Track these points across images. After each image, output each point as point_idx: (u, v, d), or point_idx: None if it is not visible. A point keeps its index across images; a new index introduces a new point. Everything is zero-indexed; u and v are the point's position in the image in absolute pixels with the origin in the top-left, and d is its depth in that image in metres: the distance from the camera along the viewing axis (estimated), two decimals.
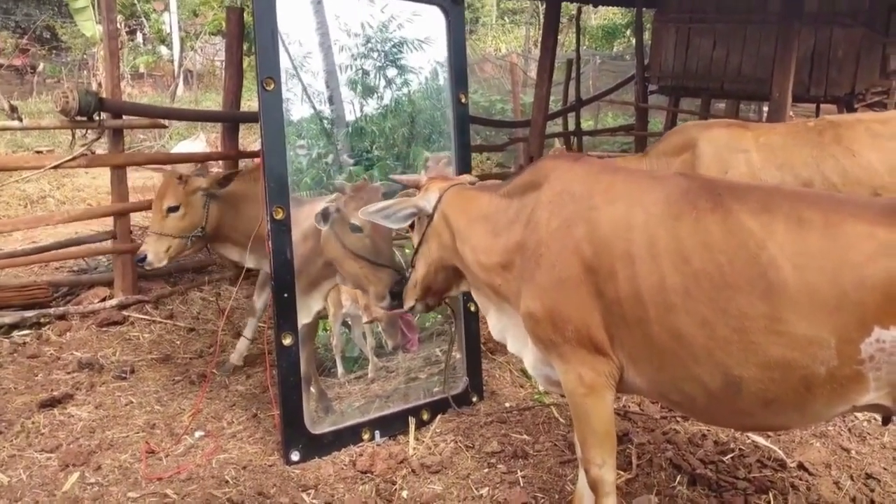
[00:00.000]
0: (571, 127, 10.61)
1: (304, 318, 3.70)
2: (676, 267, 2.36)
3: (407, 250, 4.31)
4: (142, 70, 23.34)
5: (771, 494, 3.30)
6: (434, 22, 4.12)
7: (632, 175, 2.82)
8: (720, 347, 2.31)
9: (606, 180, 2.66)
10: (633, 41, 12.93)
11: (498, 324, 3.05)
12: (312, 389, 3.85)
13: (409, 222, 3.14)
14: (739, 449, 3.68)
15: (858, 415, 4.02)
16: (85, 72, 21.01)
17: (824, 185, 4.12)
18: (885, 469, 3.55)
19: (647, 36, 10.55)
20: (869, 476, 3.48)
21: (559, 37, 9.83)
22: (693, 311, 2.33)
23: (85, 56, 22.01)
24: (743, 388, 2.33)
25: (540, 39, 10.16)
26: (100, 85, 5.84)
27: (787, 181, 4.15)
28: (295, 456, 3.57)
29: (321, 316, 4.05)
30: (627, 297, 2.44)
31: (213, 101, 18.51)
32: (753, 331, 2.26)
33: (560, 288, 2.56)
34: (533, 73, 16.72)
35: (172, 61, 23.58)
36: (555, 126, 11.13)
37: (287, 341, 3.53)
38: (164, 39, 25.12)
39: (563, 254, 2.56)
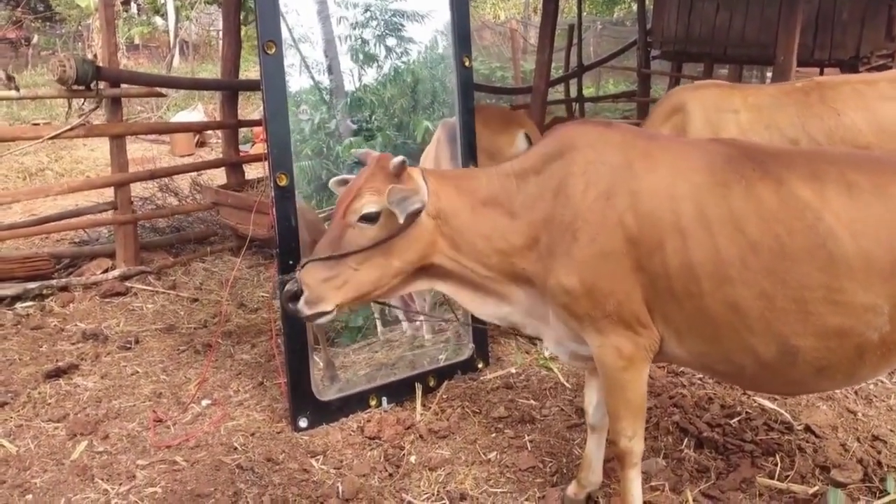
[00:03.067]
0: (573, 94, 10.54)
1: None
2: (732, 238, 2.31)
3: None
4: (137, 41, 23.09)
5: (778, 456, 3.31)
6: None
7: (669, 141, 2.73)
8: (778, 318, 2.30)
9: (643, 147, 2.55)
10: (634, 7, 12.78)
11: (498, 311, 2.77)
12: (318, 359, 3.83)
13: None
14: (746, 412, 3.68)
15: None
16: (80, 43, 20.80)
17: (810, 144, 4.13)
18: (891, 431, 3.56)
19: (648, 1, 10.42)
20: (876, 438, 3.49)
21: (559, 2, 9.71)
22: (751, 283, 2.30)
23: (79, 27, 21.77)
24: (799, 358, 2.33)
25: (540, 6, 10.04)
26: (95, 56, 5.77)
27: (775, 141, 4.15)
28: (303, 422, 3.58)
29: None
30: (677, 269, 2.38)
31: (210, 72, 18.36)
32: (812, 301, 2.25)
33: (601, 262, 2.45)
34: (532, 40, 16.59)
35: (168, 32, 23.31)
36: (556, 93, 11.06)
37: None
38: (159, 10, 24.79)
39: (604, 227, 2.44)
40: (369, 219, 2.57)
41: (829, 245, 2.23)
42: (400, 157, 2.58)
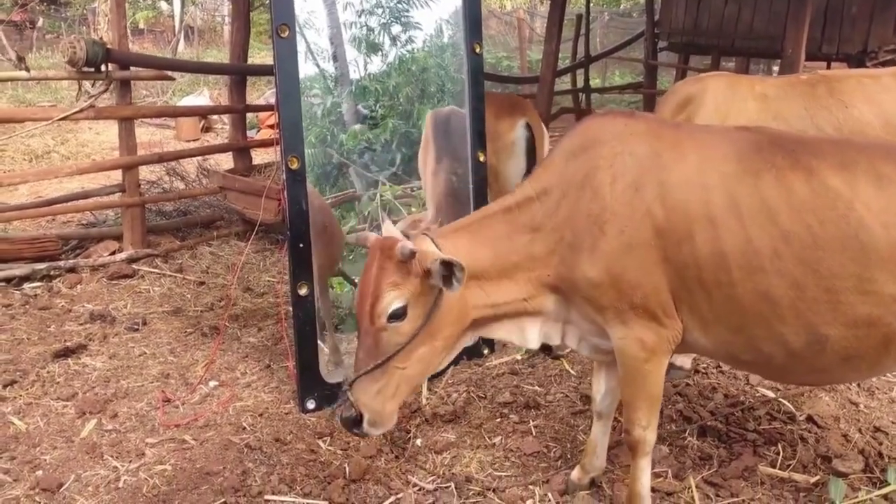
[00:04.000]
0: (580, 84, 10.53)
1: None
2: (763, 228, 2.33)
3: (413, 209, 4.28)
4: (141, 26, 23.06)
5: (780, 446, 3.34)
6: None
7: (696, 130, 2.73)
8: (809, 307, 2.31)
9: (670, 136, 2.54)
10: None
11: (537, 331, 2.74)
12: (323, 345, 3.86)
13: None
14: (749, 402, 3.72)
15: None
16: (84, 27, 20.76)
17: None
18: (893, 423, 3.59)
19: None
20: (877, 429, 3.52)
21: None
22: (783, 273, 2.31)
23: (84, 11, 21.73)
24: (827, 347, 2.35)
25: None
26: (102, 39, 5.77)
27: None
28: (311, 404, 3.61)
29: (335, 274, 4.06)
30: (707, 259, 2.38)
31: (215, 57, 18.34)
32: (843, 290, 2.27)
33: (629, 253, 2.44)
34: (539, 30, 16.54)
35: (173, 17, 23.27)
36: (563, 83, 11.05)
37: (303, 291, 3.54)
38: None
39: (632, 218, 2.43)
40: (397, 316, 2.47)
41: (861, 235, 2.25)
42: (408, 246, 2.45)
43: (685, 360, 3.97)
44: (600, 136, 2.56)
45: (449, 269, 2.38)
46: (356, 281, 3.88)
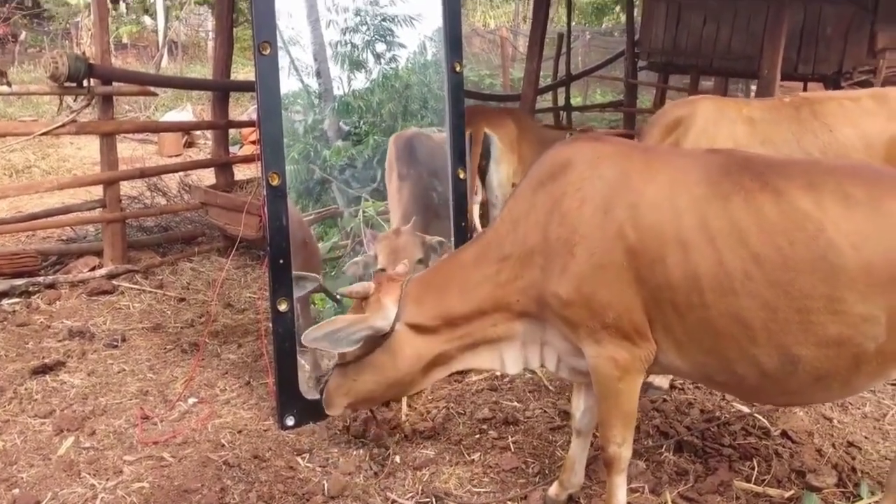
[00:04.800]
0: (561, 102, 10.63)
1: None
2: (734, 250, 2.34)
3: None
4: (125, 40, 23.00)
5: (755, 461, 3.38)
6: None
7: (665, 153, 2.79)
8: (781, 328, 2.33)
9: (639, 159, 2.59)
10: (623, 17, 12.91)
11: (516, 356, 2.85)
12: (304, 361, 3.86)
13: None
14: (725, 417, 3.76)
15: None
16: (67, 41, 20.69)
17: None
18: (866, 437, 3.64)
19: (637, 12, 10.55)
20: (850, 444, 3.57)
21: (549, 11, 9.80)
22: (754, 294, 2.33)
23: (68, 25, 21.66)
24: (799, 367, 2.37)
25: (530, 14, 10.13)
26: (84, 54, 5.78)
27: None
28: (290, 421, 3.61)
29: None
30: (679, 281, 2.40)
31: (198, 73, 18.31)
32: (814, 311, 2.29)
33: (600, 274, 2.48)
34: (522, 48, 16.69)
35: (156, 31, 23.25)
36: (544, 101, 11.15)
37: (282, 307, 3.55)
38: (148, 9, 24.74)
39: (603, 240, 2.47)
40: None
41: (831, 256, 2.26)
42: (362, 292, 2.87)
43: (663, 381, 4.01)
44: (569, 162, 2.62)
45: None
46: (337, 297, 3.91)
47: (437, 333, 2.80)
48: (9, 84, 5.24)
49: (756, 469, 3.32)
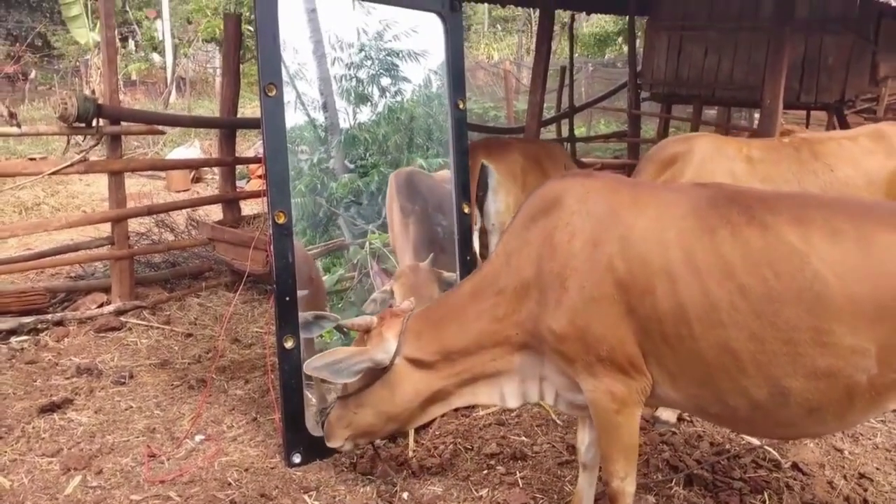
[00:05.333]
0: (565, 133, 10.70)
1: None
2: (720, 282, 2.36)
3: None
4: (134, 77, 23.32)
5: (766, 494, 3.35)
6: (432, 29, 4.18)
7: (653, 187, 2.83)
8: (769, 360, 2.34)
9: (628, 194, 2.63)
10: (625, 48, 13.03)
11: (515, 390, 2.89)
12: (310, 395, 3.86)
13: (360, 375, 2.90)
14: (735, 450, 3.73)
15: None
16: (77, 79, 20.99)
17: None
18: (877, 469, 3.61)
19: (639, 43, 10.65)
20: (862, 476, 3.54)
21: (552, 44, 9.92)
22: (741, 325, 2.34)
23: (77, 63, 21.99)
24: (790, 399, 2.37)
25: (533, 47, 10.24)
26: (93, 92, 5.87)
27: None
28: (296, 458, 3.60)
29: None
30: (668, 313, 2.42)
31: (206, 108, 18.55)
32: (801, 342, 2.30)
33: (592, 308, 2.51)
34: (525, 81, 16.84)
35: (165, 68, 23.58)
36: (548, 133, 11.23)
37: (289, 344, 3.56)
38: (157, 47, 25.13)
39: (593, 273, 2.50)
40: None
41: (816, 287, 2.27)
42: (364, 325, 2.97)
43: (670, 415, 3.99)
44: (559, 198, 2.67)
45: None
46: (345, 328, 3.93)
47: (435, 369, 2.84)
48: (19, 125, 5.33)
49: (767, 502, 3.29)
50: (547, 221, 2.65)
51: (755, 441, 3.80)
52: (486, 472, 3.58)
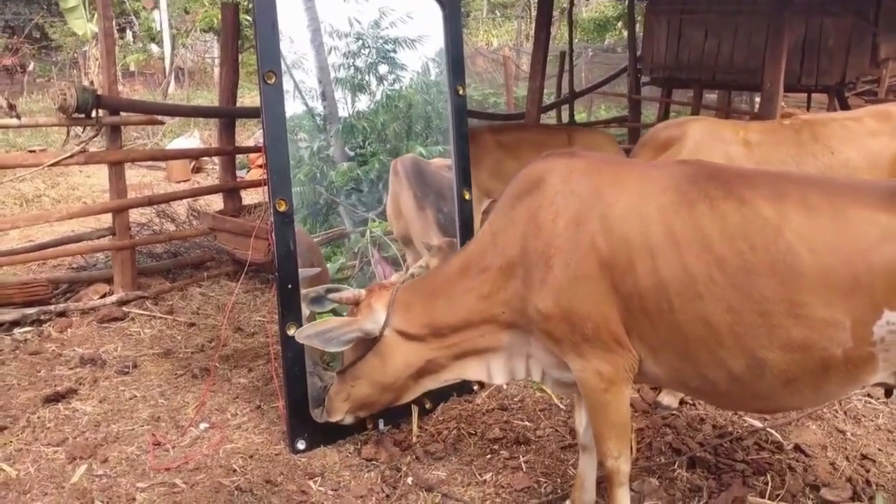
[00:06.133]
0: (565, 119, 10.68)
1: None
2: (698, 256, 2.40)
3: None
4: (132, 68, 23.24)
5: (769, 476, 3.36)
6: (430, 15, 4.15)
7: (634, 165, 2.87)
8: (745, 332, 2.38)
9: (609, 172, 2.66)
10: (625, 34, 12.99)
11: (502, 367, 2.94)
12: (316, 380, 3.88)
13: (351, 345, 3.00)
14: (737, 432, 3.74)
15: (853, 397, 4.09)
16: (75, 71, 20.93)
17: None
18: (879, 450, 3.62)
19: (638, 28, 10.61)
20: (864, 457, 3.55)
21: (551, 30, 9.88)
22: (718, 298, 2.38)
23: (75, 55, 21.92)
24: (766, 370, 2.40)
25: (532, 32, 10.21)
26: (91, 83, 5.86)
27: None
28: (301, 444, 3.62)
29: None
30: (648, 289, 2.46)
31: (205, 98, 18.51)
32: (776, 314, 2.33)
33: (576, 286, 2.55)
34: (525, 67, 16.79)
35: (163, 59, 23.49)
36: (548, 119, 11.19)
37: (291, 331, 3.55)
38: (155, 37, 25.02)
39: (576, 252, 2.54)
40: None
41: (789, 260, 2.31)
42: (352, 298, 3.04)
43: (672, 399, 4.01)
44: (543, 177, 2.70)
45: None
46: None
47: (425, 342, 2.90)
48: (18, 116, 5.32)
49: (770, 484, 3.30)
50: (531, 201, 2.68)
51: (757, 423, 3.82)
52: (489, 456, 3.60)
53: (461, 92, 4.13)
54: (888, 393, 2.63)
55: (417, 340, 2.91)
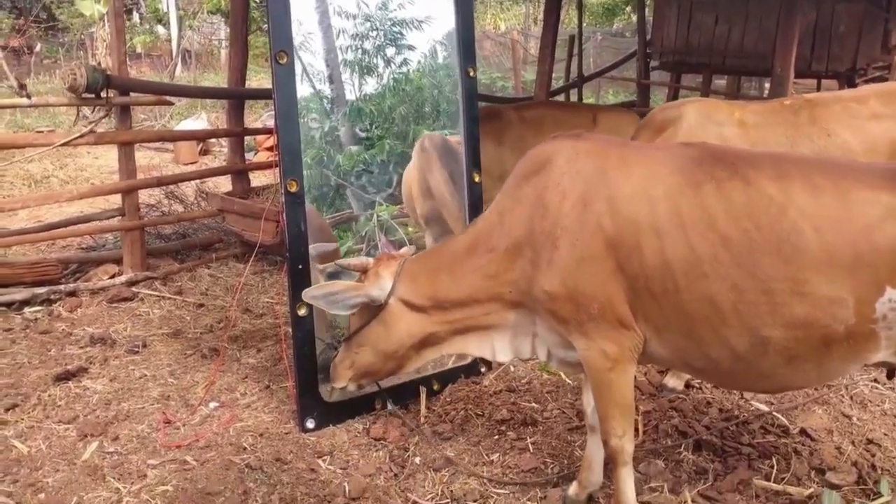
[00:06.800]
0: None
1: None
2: (704, 235, 2.43)
3: (410, 228, 4.37)
4: (139, 50, 23.19)
5: (774, 459, 3.38)
6: None
7: (639, 147, 2.89)
8: (749, 310, 2.40)
9: (616, 154, 2.68)
10: (634, 18, 12.90)
11: (506, 345, 2.96)
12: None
13: (356, 309, 3.03)
14: (743, 416, 3.76)
15: (859, 381, 4.10)
16: (82, 52, 20.91)
17: None
18: (885, 434, 3.64)
19: (648, 12, 10.55)
20: (870, 441, 3.57)
21: (560, 13, 9.83)
22: (723, 277, 2.41)
23: (82, 36, 21.88)
24: (769, 348, 2.44)
25: (541, 16, 10.15)
26: (99, 64, 5.86)
27: None
28: (310, 424, 3.65)
29: None
30: (654, 268, 2.48)
31: (212, 81, 18.48)
32: (780, 292, 2.36)
33: (582, 266, 2.57)
34: (533, 51, 16.72)
35: (170, 41, 23.44)
36: None
37: (302, 312, 3.59)
38: (161, 19, 24.96)
39: (583, 232, 2.56)
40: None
41: (794, 238, 2.34)
42: (360, 266, 3.12)
43: (677, 382, 4.02)
44: (550, 158, 2.71)
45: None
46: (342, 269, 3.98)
47: (428, 314, 2.94)
48: (28, 96, 5.32)
49: (775, 467, 3.32)
50: (538, 181, 2.70)
51: (764, 407, 3.83)
52: (497, 437, 3.63)
53: (472, 74, 4.13)
54: (890, 374, 2.65)
55: (421, 312, 2.94)
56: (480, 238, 2.87)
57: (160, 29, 24.94)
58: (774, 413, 3.77)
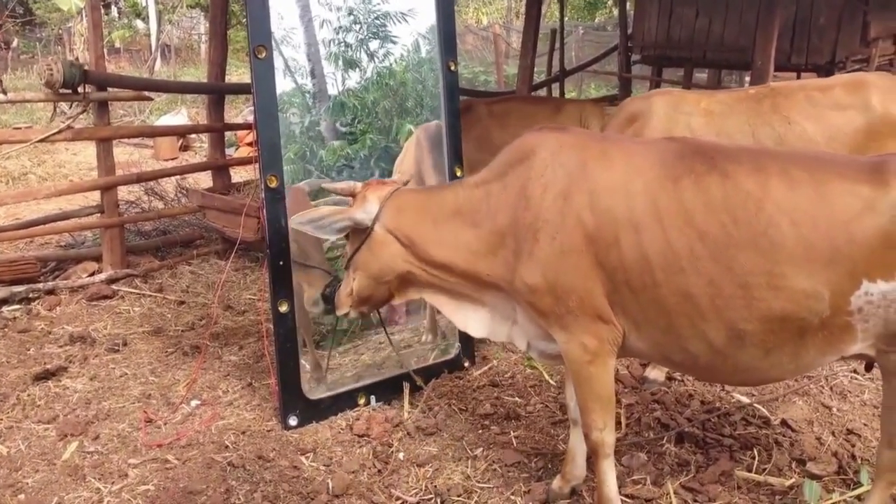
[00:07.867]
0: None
1: None
2: (681, 230, 2.44)
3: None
4: (117, 45, 22.95)
5: (755, 450, 3.41)
6: None
7: (621, 141, 2.89)
8: (726, 304, 2.42)
9: (597, 148, 2.68)
10: (615, 12, 12.92)
11: (480, 322, 2.98)
12: (304, 361, 3.87)
13: (344, 234, 3.03)
14: (725, 408, 3.78)
15: (839, 373, 4.14)
16: (59, 47, 20.65)
17: None
18: (865, 425, 3.67)
19: (629, 6, 10.56)
20: (850, 432, 3.60)
21: (542, 7, 9.83)
22: (700, 271, 2.42)
23: (60, 31, 21.62)
24: (746, 342, 2.45)
25: (522, 10, 10.14)
26: (77, 59, 5.77)
27: None
28: (293, 421, 3.64)
29: None
30: (633, 262, 2.49)
31: (192, 76, 18.33)
32: (756, 286, 2.38)
33: (562, 259, 2.58)
34: (515, 45, 16.72)
35: (149, 35, 23.21)
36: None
37: (283, 308, 3.57)
38: (140, 13, 24.71)
39: (563, 225, 2.57)
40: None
41: (770, 232, 2.35)
42: (348, 189, 3.09)
43: (658, 374, 4.04)
44: (534, 150, 2.72)
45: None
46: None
47: (407, 252, 2.92)
48: (4, 92, 5.25)
49: (757, 458, 3.35)
50: (522, 172, 2.71)
51: (744, 399, 3.86)
52: (480, 432, 3.63)
53: (453, 68, 4.11)
54: (868, 366, 2.67)
55: (402, 246, 2.93)
56: (466, 207, 2.84)
57: (139, 23, 24.69)
58: (755, 405, 3.80)
